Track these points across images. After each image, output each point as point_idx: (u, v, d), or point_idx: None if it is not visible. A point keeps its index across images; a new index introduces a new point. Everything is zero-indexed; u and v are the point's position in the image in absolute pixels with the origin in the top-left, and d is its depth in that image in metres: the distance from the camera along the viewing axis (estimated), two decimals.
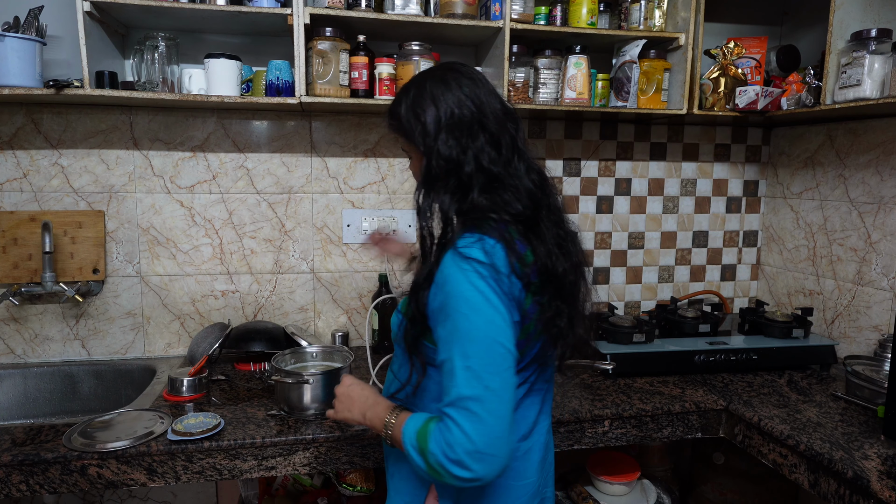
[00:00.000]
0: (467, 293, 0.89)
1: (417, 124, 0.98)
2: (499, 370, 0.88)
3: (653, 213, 2.22)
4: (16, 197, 1.77)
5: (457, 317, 0.89)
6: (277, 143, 1.91)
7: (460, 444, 0.85)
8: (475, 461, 0.85)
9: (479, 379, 0.87)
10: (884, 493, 1.13)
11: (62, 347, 1.85)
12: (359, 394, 1.09)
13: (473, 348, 0.88)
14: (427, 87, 0.98)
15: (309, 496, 1.84)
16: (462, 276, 0.89)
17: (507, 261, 0.92)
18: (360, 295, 2.03)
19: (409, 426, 0.94)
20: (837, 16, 1.59)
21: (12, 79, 1.49)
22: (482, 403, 0.86)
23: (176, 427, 1.32)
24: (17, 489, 1.26)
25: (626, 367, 1.71)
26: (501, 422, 0.87)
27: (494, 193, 0.96)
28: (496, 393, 0.87)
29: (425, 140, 0.97)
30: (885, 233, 1.79)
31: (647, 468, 1.98)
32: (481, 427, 0.85)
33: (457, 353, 0.89)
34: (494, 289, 0.89)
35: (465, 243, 0.92)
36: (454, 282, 0.90)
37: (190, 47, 1.79)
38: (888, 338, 1.73)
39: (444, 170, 0.96)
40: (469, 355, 0.88)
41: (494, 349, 0.88)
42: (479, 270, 0.89)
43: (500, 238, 0.93)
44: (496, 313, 0.89)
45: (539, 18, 1.79)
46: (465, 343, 0.88)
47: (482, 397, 0.86)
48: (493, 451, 0.86)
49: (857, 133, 1.88)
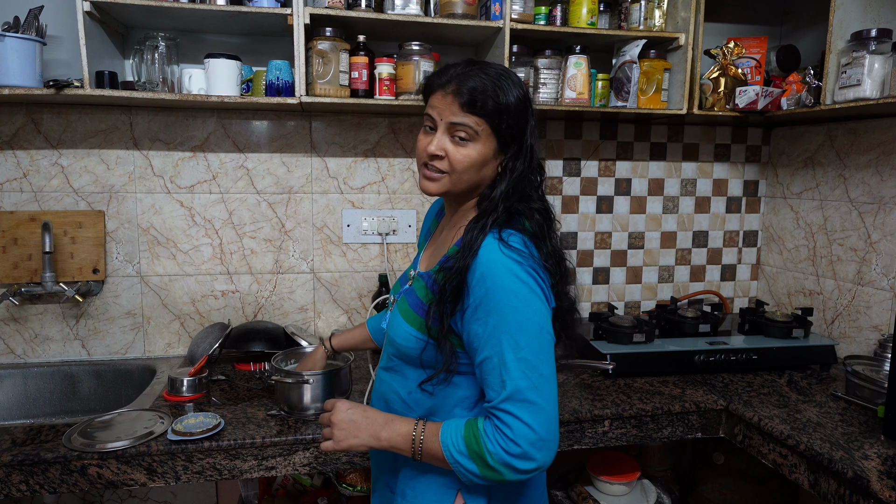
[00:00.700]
0: (512, 285, 0.90)
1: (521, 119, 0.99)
2: (548, 357, 0.92)
3: (653, 213, 2.22)
4: (16, 197, 1.77)
5: (504, 310, 0.90)
6: (277, 143, 1.91)
7: (524, 437, 0.87)
8: (538, 450, 0.88)
9: (534, 368, 0.89)
10: (884, 493, 1.13)
11: (62, 347, 1.85)
12: (362, 416, 1.02)
13: (525, 339, 0.90)
14: (512, 77, 0.99)
15: (309, 496, 1.84)
16: (504, 268, 0.91)
17: (540, 252, 0.96)
18: (360, 295, 2.03)
19: (448, 434, 0.93)
20: (837, 16, 1.59)
21: (12, 79, 1.50)
22: (539, 392, 0.89)
23: (176, 427, 1.32)
24: (17, 489, 1.26)
25: (626, 367, 1.71)
26: (555, 406, 0.91)
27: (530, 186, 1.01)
28: (548, 379, 0.91)
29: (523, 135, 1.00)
30: (885, 233, 1.79)
31: (647, 468, 1.98)
32: (541, 415, 0.88)
33: (507, 345, 0.89)
34: (535, 277, 0.93)
35: (507, 234, 0.95)
36: (496, 275, 0.90)
37: (190, 47, 1.79)
38: (888, 338, 1.73)
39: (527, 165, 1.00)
40: (521, 346, 0.89)
41: (543, 336, 0.92)
42: (519, 260, 0.92)
43: (533, 231, 0.98)
44: (540, 301, 0.92)
45: (539, 18, 1.79)
46: (516, 335, 0.89)
47: (538, 385, 0.89)
48: (552, 437, 0.90)
49: (857, 133, 1.88)
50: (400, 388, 1.06)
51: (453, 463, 0.92)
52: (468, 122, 0.95)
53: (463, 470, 0.92)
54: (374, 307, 1.89)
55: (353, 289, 2.03)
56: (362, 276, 2.03)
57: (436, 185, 1.00)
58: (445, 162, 0.98)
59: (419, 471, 1.03)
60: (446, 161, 0.98)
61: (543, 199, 1.03)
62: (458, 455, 0.92)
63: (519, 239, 0.95)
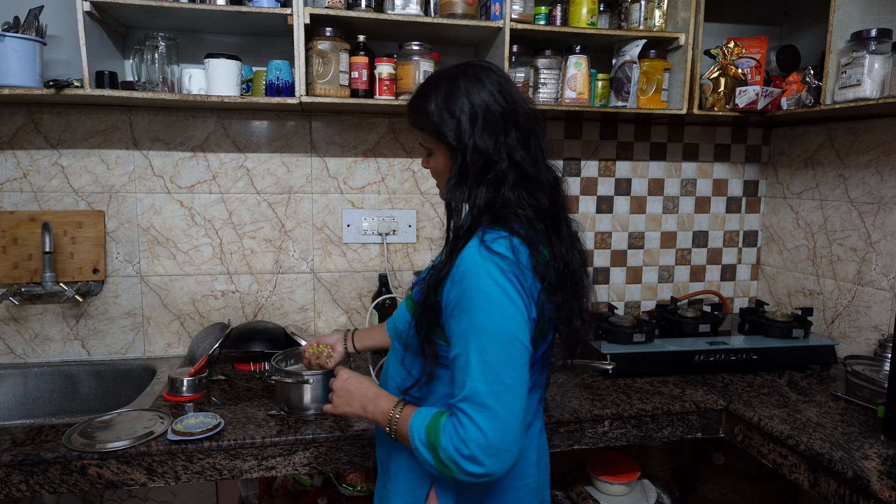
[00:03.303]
0: (488, 287, 0.89)
1: (451, 119, 0.97)
2: (515, 366, 0.88)
3: (653, 213, 2.22)
4: (16, 197, 1.77)
5: (475, 311, 0.89)
6: (277, 143, 1.91)
7: (474, 440, 0.86)
8: (488, 456, 0.86)
9: (496, 374, 0.87)
10: (884, 493, 1.13)
11: (62, 347, 1.85)
12: (357, 387, 1.08)
13: (492, 343, 0.88)
14: (461, 83, 0.99)
15: (309, 496, 1.84)
16: (484, 269, 0.89)
17: (531, 258, 0.93)
18: (360, 295, 2.03)
19: (416, 421, 0.94)
20: (837, 16, 1.59)
21: (12, 79, 1.49)
22: (498, 398, 0.86)
23: (176, 427, 1.32)
24: (17, 489, 1.26)
25: (626, 367, 1.71)
26: (515, 417, 0.87)
27: (523, 190, 0.97)
28: (511, 388, 0.87)
29: (460, 135, 0.97)
30: (885, 233, 1.79)
31: (647, 468, 1.98)
32: (496, 422, 0.86)
33: (473, 347, 0.89)
34: (515, 284, 0.90)
35: (492, 237, 0.92)
36: (474, 275, 0.90)
37: (190, 47, 1.79)
38: (888, 338, 1.73)
39: (479, 164, 0.96)
40: (486, 350, 0.88)
41: (512, 344, 0.89)
42: (500, 265, 0.89)
43: (526, 236, 0.94)
44: (515, 309, 0.89)
45: (539, 18, 1.79)
46: (483, 337, 0.88)
47: (498, 392, 0.86)
48: (505, 447, 0.86)
49: (857, 133, 1.88)
50: (396, 373, 1.10)
51: (415, 449, 0.93)
52: (419, 139, 1.06)
53: (422, 458, 0.93)
54: (375, 307, 1.89)
55: (353, 289, 2.03)
56: (362, 276, 2.03)
57: (440, 192, 1.08)
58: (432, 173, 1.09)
59: (405, 459, 1.06)
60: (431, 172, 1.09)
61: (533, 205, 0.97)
62: (419, 443, 0.92)
63: (505, 243, 0.92)
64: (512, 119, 0.98)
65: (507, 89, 0.99)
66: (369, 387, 1.07)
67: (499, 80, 1.00)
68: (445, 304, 0.95)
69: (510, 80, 1.02)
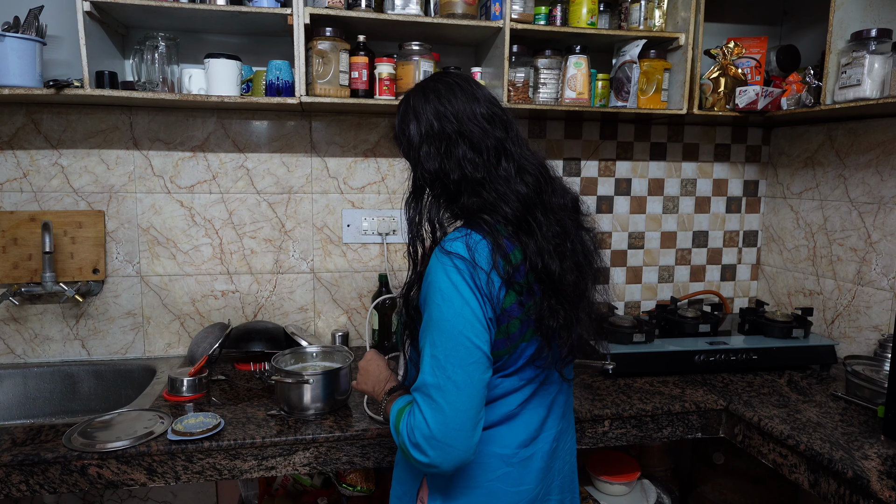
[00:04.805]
0: (442, 284, 0.92)
1: (404, 139, 1.03)
2: (463, 363, 0.90)
3: (653, 213, 2.22)
4: (16, 197, 1.77)
5: (431, 307, 0.93)
6: (277, 143, 1.91)
7: (419, 429, 0.90)
8: (431, 447, 0.89)
9: (443, 369, 0.90)
10: (884, 493, 1.13)
11: (62, 347, 1.85)
12: (373, 369, 1.16)
13: (441, 338, 0.91)
14: (410, 103, 1.02)
15: (309, 496, 1.84)
16: (441, 267, 0.93)
17: (491, 258, 0.93)
18: (360, 295, 2.03)
19: (396, 405, 0.99)
20: (837, 16, 1.59)
21: (12, 79, 1.49)
22: (443, 393, 0.89)
23: (176, 427, 1.32)
24: (17, 489, 1.26)
25: (626, 367, 1.71)
26: (460, 414, 0.89)
27: (482, 197, 0.97)
28: (458, 385, 0.89)
29: (410, 153, 1.02)
30: (885, 233, 1.79)
31: (647, 468, 1.98)
32: (439, 415, 0.89)
33: (428, 341, 0.93)
34: (468, 283, 0.91)
35: (451, 237, 0.95)
36: (434, 273, 0.94)
37: (190, 47, 1.79)
38: (888, 338, 1.73)
39: (429, 181, 1.00)
40: (436, 344, 0.91)
41: (460, 341, 0.91)
42: (455, 264, 0.92)
43: (487, 234, 0.94)
44: (466, 307, 0.91)
45: (539, 18, 1.79)
46: (435, 332, 0.92)
47: (443, 387, 0.89)
48: (449, 441, 0.89)
49: (857, 133, 1.88)
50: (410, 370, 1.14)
51: (391, 431, 0.98)
52: None
53: (394, 439, 0.97)
54: (375, 307, 1.90)
55: (353, 289, 2.03)
56: (362, 276, 2.03)
57: None
58: None
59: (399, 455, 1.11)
60: None
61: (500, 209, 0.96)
62: (392, 426, 0.97)
63: (461, 243, 0.93)
64: (458, 132, 0.98)
65: (454, 101, 0.99)
66: (381, 370, 1.15)
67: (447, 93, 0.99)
68: (420, 304, 0.99)
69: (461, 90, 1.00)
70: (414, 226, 1.03)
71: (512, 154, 1.00)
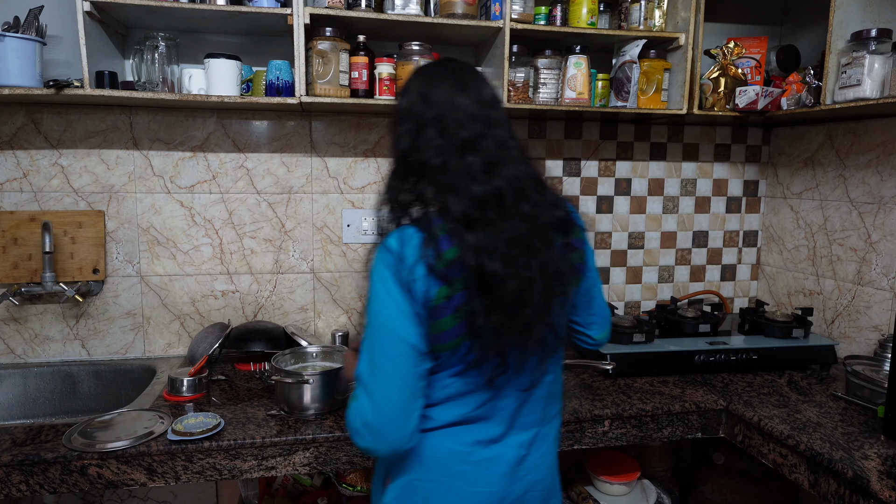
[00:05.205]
0: (373, 278, 0.97)
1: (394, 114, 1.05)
2: (389, 355, 0.94)
3: (653, 213, 2.22)
4: (16, 197, 1.77)
5: (369, 298, 0.98)
6: (277, 143, 1.91)
7: (357, 415, 0.95)
8: (368, 432, 0.94)
9: (373, 359, 0.95)
10: (884, 493, 1.13)
11: (62, 347, 1.85)
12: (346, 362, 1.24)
13: (371, 331, 0.96)
14: (408, 80, 1.04)
15: (309, 496, 1.84)
16: (375, 262, 0.98)
17: (420, 252, 0.93)
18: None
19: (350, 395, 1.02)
20: (837, 16, 1.59)
21: (12, 79, 1.50)
22: (374, 381, 0.94)
23: (176, 427, 1.32)
24: (17, 489, 1.26)
25: (626, 367, 1.71)
26: (391, 404, 0.93)
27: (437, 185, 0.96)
28: (386, 375, 0.94)
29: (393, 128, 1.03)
30: (885, 233, 1.79)
31: (647, 468, 1.98)
32: (371, 403, 0.94)
33: (366, 331, 0.98)
34: (393, 276, 0.94)
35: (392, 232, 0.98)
36: (371, 268, 0.99)
37: (190, 47, 1.79)
38: (888, 338, 1.73)
39: (397, 158, 1.01)
40: (369, 335, 0.97)
41: (385, 333, 0.95)
42: (383, 258, 0.96)
43: (424, 229, 0.95)
44: (391, 300, 0.94)
45: (539, 18, 1.79)
46: (368, 325, 0.98)
47: (374, 376, 0.94)
48: (382, 428, 0.94)
49: (857, 133, 1.88)
50: None
51: None
52: None
53: None
54: None
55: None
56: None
57: None
58: None
59: None
60: None
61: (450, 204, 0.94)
62: None
63: (395, 237, 0.96)
64: (434, 118, 0.96)
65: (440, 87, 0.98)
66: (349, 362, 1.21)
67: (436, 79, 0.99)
68: None
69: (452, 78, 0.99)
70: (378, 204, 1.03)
71: (484, 151, 0.96)
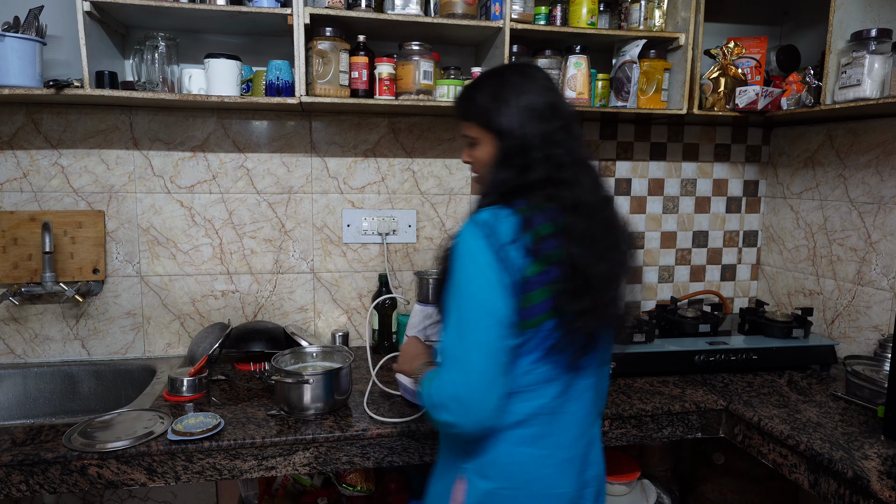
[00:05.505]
0: (462, 250, 0.97)
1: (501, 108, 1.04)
2: (481, 325, 0.94)
3: (653, 213, 2.22)
4: (16, 197, 1.77)
5: (455, 273, 0.98)
6: (277, 143, 1.91)
7: (444, 389, 0.95)
8: (457, 405, 0.94)
9: (465, 330, 0.95)
10: (884, 493, 1.13)
11: (62, 347, 1.85)
12: (410, 349, 1.23)
13: (463, 302, 0.96)
14: (509, 78, 1.07)
15: (309, 496, 1.84)
16: (464, 234, 0.98)
17: (515, 227, 0.96)
18: (360, 295, 2.03)
19: (426, 375, 1.03)
20: (837, 16, 1.59)
21: (12, 79, 1.49)
22: (465, 352, 0.94)
23: (176, 427, 1.32)
24: (17, 489, 1.26)
25: (626, 367, 1.71)
26: (480, 375, 0.93)
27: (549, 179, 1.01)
28: (478, 345, 0.94)
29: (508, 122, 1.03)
30: (885, 233, 1.79)
31: (647, 468, 1.98)
32: (463, 375, 0.94)
33: (452, 305, 0.98)
34: (487, 248, 0.95)
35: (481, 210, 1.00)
36: (458, 241, 0.99)
37: (190, 47, 1.79)
38: (888, 338, 1.73)
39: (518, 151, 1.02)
40: (459, 307, 0.96)
41: (477, 303, 0.95)
42: (476, 230, 0.97)
43: (518, 211, 0.98)
44: (483, 271, 0.95)
45: (539, 18, 1.79)
46: (457, 296, 0.97)
47: (466, 347, 0.94)
48: (471, 400, 0.93)
49: (857, 133, 1.88)
50: None
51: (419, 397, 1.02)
52: (465, 130, 1.12)
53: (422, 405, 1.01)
54: (375, 307, 1.90)
55: (353, 289, 2.03)
56: (362, 276, 2.03)
57: (475, 186, 1.17)
58: (472, 166, 1.15)
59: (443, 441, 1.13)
60: (472, 165, 1.15)
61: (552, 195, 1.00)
62: (419, 393, 1.02)
63: (487, 212, 0.98)
64: (553, 114, 1.04)
65: (551, 87, 1.07)
66: (418, 348, 1.21)
67: (545, 77, 1.08)
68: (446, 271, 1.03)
69: (553, 81, 1.09)
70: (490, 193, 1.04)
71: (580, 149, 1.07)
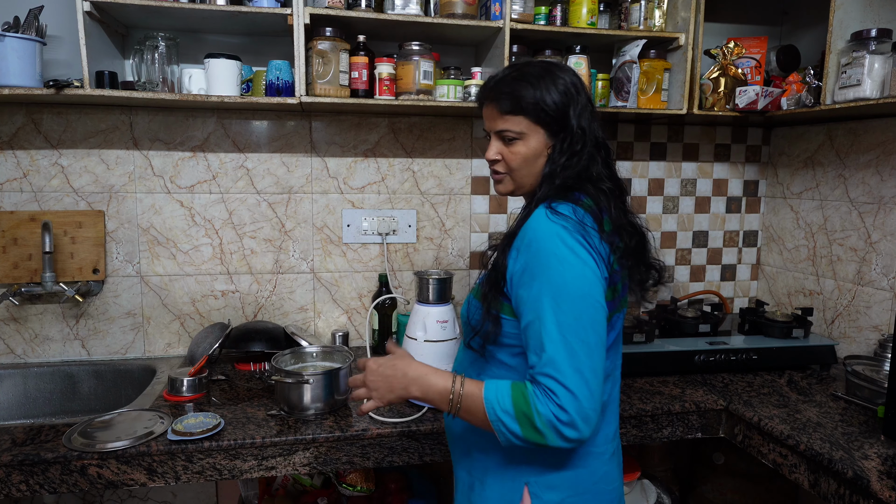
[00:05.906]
0: (557, 250, 0.90)
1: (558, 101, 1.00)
2: (594, 324, 0.89)
3: (653, 213, 2.22)
4: (16, 197, 1.77)
5: (547, 274, 0.90)
6: (277, 143, 1.91)
7: (571, 405, 0.86)
8: (583, 420, 0.86)
9: (575, 333, 0.88)
10: (884, 493, 1.13)
11: (62, 347, 1.85)
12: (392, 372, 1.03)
13: (566, 303, 0.89)
14: (555, 72, 1.03)
15: (309, 496, 1.84)
16: (552, 233, 0.92)
17: (595, 223, 0.96)
18: (360, 295, 2.03)
19: (492, 392, 0.93)
20: (837, 16, 1.59)
21: (12, 79, 1.49)
22: (579, 360, 0.87)
23: (176, 427, 1.32)
24: (17, 489, 1.26)
25: (626, 367, 1.68)
26: (598, 377, 0.88)
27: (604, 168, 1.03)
28: (591, 347, 0.88)
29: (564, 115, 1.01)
30: (885, 233, 1.79)
31: (647, 468, 1.98)
32: (584, 386, 0.87)
33: (548, 309, 0.89)
34: (583, 244, 0.91)
35: (556, 204, 0.96)
36: (542, 240, 0.92)
37: (190, 47, 1.79)
38: (888, 338, 1.73)
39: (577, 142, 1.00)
40: (562, 311, 0.89)
41: (587, 302, 0.90)
42: (566, 226, 0.92)
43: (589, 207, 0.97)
44: (586, 267, 0.91)
45: (539, 18, 1.79)
46: (558, 298, 0.89)
47: (578, 353, 0.87)
48: (593, 408, 0.88)
49: (857, 133, 1.88)
50: (465, 359, 1.12)
51: (495, 421, 0.91)
52: (509, 125, 1.03)
53: (504, 430, 0.91)
54: (375, 307, 1.90)
55: (353, 289, 2.03)
56: (362, 276, 2.03)
57: (501, 185, 1.09)
58: (503, 164, 1.06)
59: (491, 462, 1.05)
60: (503, 163, 1.06)
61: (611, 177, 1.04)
62: (503, 414, 0.90)
63: (568, 207, 0.95)
64: (594, 110, 1.05)
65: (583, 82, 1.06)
66: (407, 366, 1.02)
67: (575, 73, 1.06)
68: (511, 273, 0.96)
69: None
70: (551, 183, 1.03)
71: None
